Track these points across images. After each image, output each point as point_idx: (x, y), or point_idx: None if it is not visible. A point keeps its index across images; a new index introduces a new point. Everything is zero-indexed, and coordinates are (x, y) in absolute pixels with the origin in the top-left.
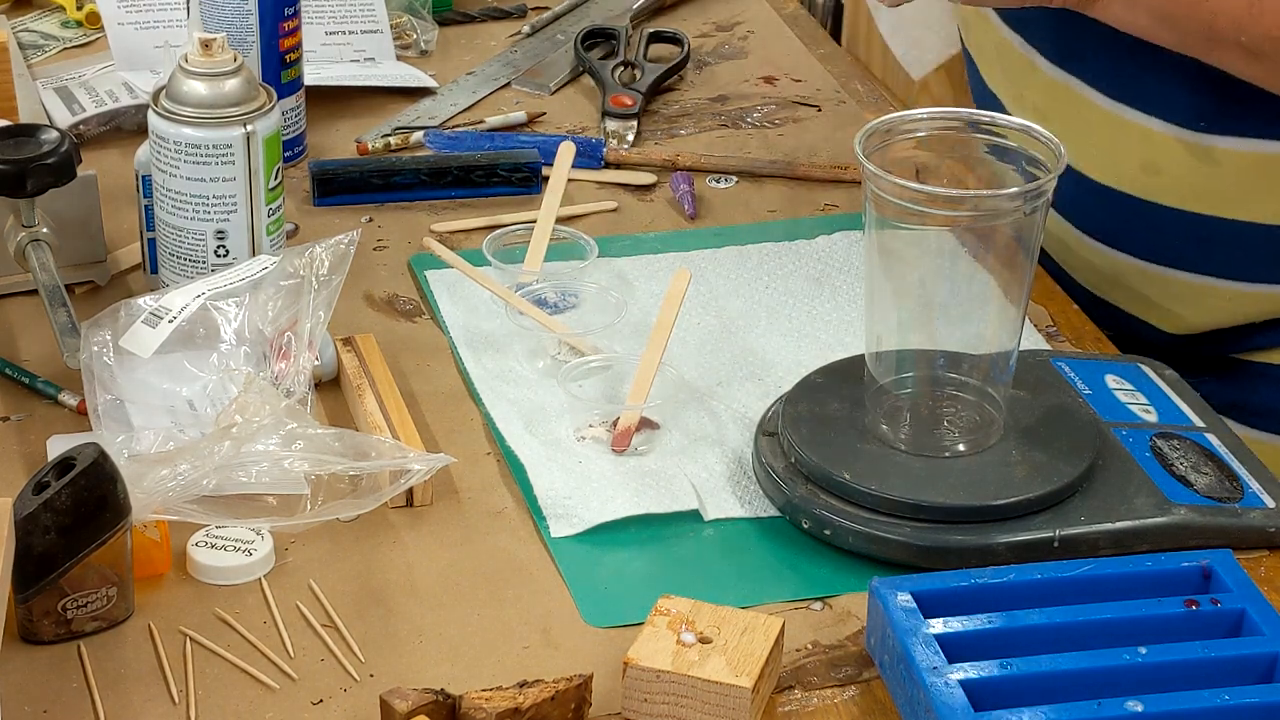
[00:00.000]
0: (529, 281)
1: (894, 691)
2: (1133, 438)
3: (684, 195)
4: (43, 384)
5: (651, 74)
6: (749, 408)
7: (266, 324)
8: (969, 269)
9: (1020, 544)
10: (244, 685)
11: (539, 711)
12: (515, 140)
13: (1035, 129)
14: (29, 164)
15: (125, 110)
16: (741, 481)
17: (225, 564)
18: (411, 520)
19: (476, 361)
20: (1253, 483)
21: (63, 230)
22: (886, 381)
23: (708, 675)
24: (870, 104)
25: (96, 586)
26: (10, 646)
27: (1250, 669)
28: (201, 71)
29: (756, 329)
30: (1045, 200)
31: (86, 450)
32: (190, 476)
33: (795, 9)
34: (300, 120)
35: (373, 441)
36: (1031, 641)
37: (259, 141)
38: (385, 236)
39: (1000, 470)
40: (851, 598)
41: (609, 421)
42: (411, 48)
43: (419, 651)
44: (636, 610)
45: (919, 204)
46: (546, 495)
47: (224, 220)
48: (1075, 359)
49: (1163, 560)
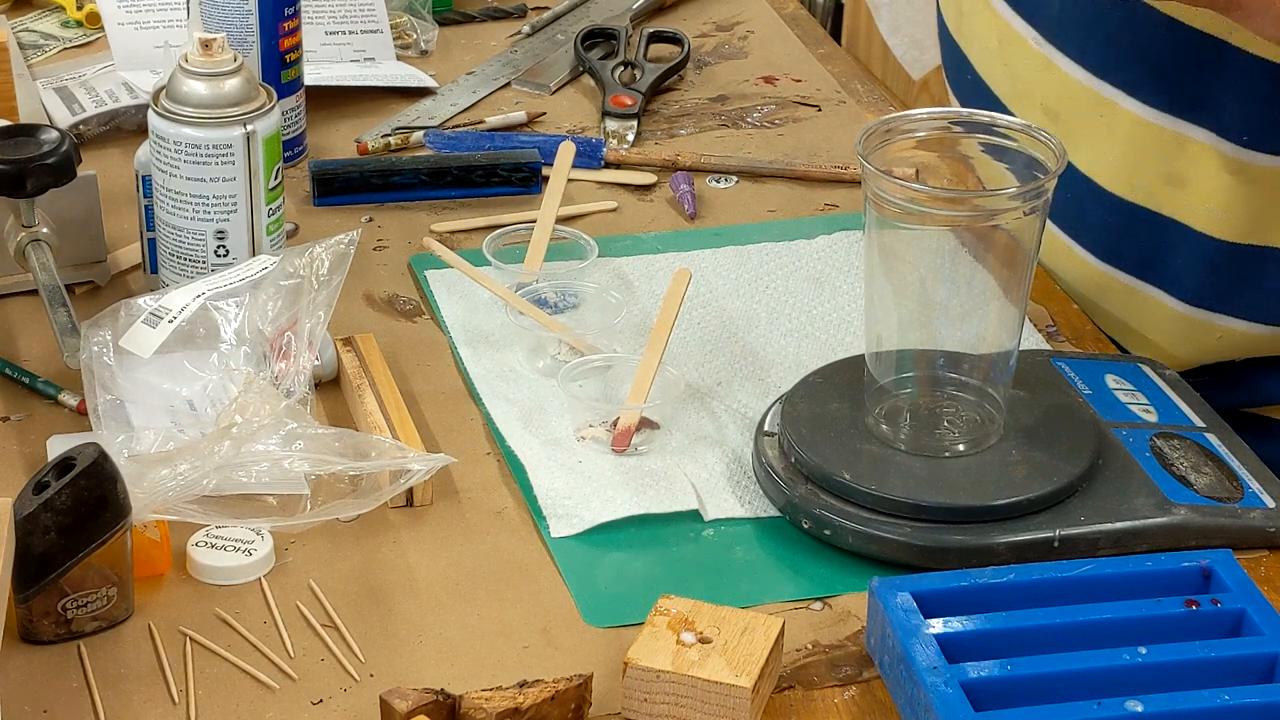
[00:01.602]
0: (529, 281)
1: (894, 691)
2: (1133, 438)
3: (684, 195)
4: (43, 384)
5: (651, 74)
6: (749, 408)
7: (266, 324)
8: (969, 269)
9: (1020, 544)
10: (244, 685)
11: (539, 711)
12: (515, 140)
13: (1035, 129)
14: (29, 164)
15: (125, 110)
16: (741, 481)
17: (225, 564)
18: (411, 520)
19: (476, 361)
20: (1253, 483)
21: (63, 230)
22: (886, 381)
23: (708, 675)
24: (870, 104)
25: (96, 586)
26: (10, 646)
27: (1250, 669)
28: (201, 71)
29: (756, 329)
30: (1045, 200)
31: (86, 450)
32: (190, 476)
33: (795, 9)
34: (300, 120)
35: (373, 441)
36: (1031, 641)
37: (259, 141)
38: (385, 236)
39: (1000, 470)
40: (851, 598)
41: (609, 421)
42: (411, 48)
43: (419, 651)
44: (636, 610)
45: (919, 204)
46: (546, 495)
47: (224, 220)
48: (1075, 359)
49: (1163, 560)
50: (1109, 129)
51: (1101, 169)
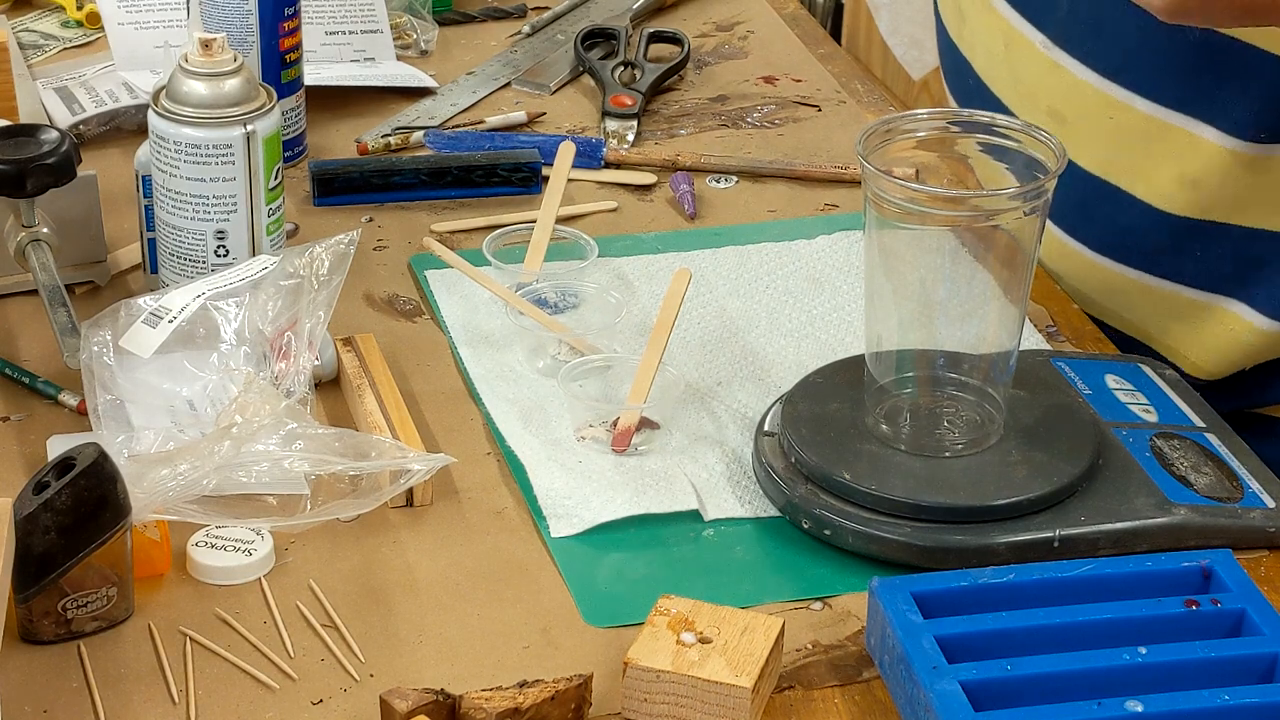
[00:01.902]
0: (529, 281)
1: (894, 691)
2: (1133, 438)
3: (684, 195)
4: (43, 384)
5: (651, 74)
6: (749, 408)
7: (266, 324)
8: (969, 269)
9: (1020, 544)
10: (244, 685)
11: (539, 711)
12: (515, 140)
13: (1036, 129)
14: (29, 164)
15: (125, 110)
16: (741, 481)
17: (225, 564)
18: (411, 520)
19: (476, 361)
20: (1253, 483)
21: (63, 230)
22: (886, 381)
23: (708, 675)
24: (870, 104)
25: (96, 586)
26: (10, 646)
27: (1250, 669)
28: (201, 71)
29: (756, 329)
30: (1045, 200)
31: (86, 450)
32: (190, 476)
33: (795, 9)
34: (300, 120)
35: (373, 441)
36: (1031, 641)
37: (259, 141)
38: (385, 236)
39: (1000, 470)
40: (851, 598)
41: (609, 421)
42: (411, 48)
43: (419, 651)
44: (636, 610)
45: (919, 204)
46: (546, 495)
47: (224, 220)
48: (1075, 359)
49: (1163, 560)
50: (1116, 130)
51: (1112, 170)
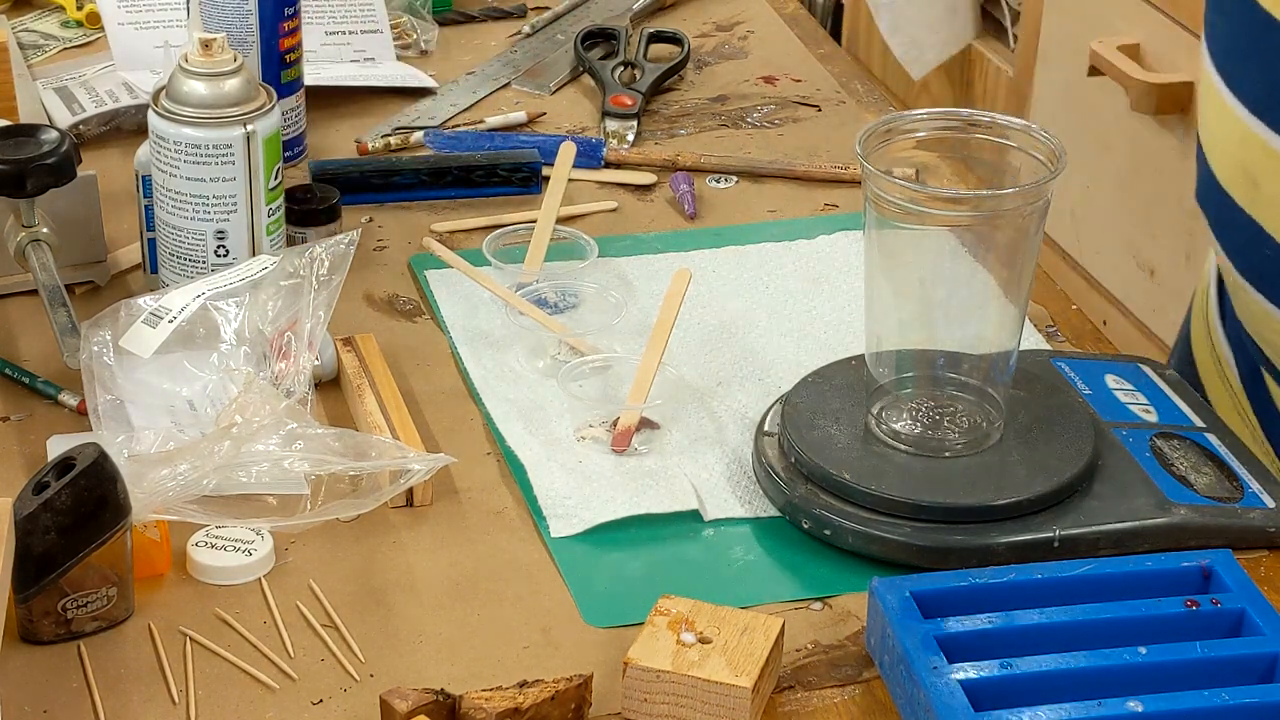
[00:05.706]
0: (529, 281)
1: (894, 691)
2: (1133, 438)
3: (684, 195)
4: (43, 384)
5: (651, 74)
6: (749, 408)
7: (266, 324)
8: (969, 269)
9: (1020, 544)
10: (244, 685)
11: (539, 711)
12: (515, 140)
13: (1035, 129)
14: (29, 164)
15: (125, 110)
16: (741, 481)
17: (225, 564)
18: (411, 520)
19: (476, 361)
20: (1253, 483)
21: (63, 230)
22: (886, 381)
23: (708, 675)
24: (870, 104)
25: (96, 586)
26: (10, 646)
27: (1250, 669)
28: (201, 71)
29: (756, 329)
30: (1045, 200)
31: (86, 450)
32: (190, 476)
33: (795, 9)
34: (300, 120)
35: (373, 441)
36: (1031, 641)
37: (259, 141)
38: (385, 236)
39: (1000, 470)
40: (851, 598)
41: (609, 421)
42: (411, 48)
43: (419, 651)
44: (636, 610)
45: (919, 204)
46: (546, 495)
47: (224, 220)
48: (1075, 359)
49: (1163, 560)
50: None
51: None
